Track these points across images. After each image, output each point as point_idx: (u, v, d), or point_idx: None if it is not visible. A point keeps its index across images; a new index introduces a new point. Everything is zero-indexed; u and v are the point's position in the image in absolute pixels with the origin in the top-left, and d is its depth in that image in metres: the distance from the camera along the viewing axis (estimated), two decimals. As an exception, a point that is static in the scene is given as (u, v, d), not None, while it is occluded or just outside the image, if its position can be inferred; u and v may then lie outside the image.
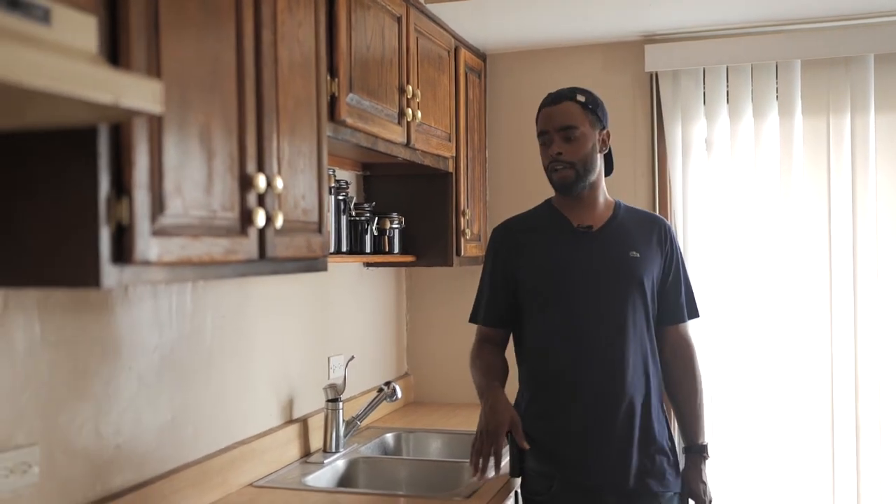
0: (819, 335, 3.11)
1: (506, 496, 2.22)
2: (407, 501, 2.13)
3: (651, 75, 3.27)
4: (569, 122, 2.20)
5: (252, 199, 1.63)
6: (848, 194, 3.07)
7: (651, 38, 3.27)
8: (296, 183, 1.81)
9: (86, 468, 1.75)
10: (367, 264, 3.12)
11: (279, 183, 1.71)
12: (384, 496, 2.19)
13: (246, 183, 1.61)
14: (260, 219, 1.63)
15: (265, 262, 1.69)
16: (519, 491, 2.19)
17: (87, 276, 1.28)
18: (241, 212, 1.60)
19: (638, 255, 2.22)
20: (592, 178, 2.24)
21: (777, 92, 3.14)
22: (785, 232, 3.13)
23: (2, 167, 1.30)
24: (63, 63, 1.04)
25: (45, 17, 1.13)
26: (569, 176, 2.20)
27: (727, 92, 3.18)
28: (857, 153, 3.07)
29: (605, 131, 2.26)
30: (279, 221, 1.70)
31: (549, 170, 2.23)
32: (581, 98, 2.24)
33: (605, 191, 2.30)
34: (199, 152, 1.48)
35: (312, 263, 1.92)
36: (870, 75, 3.07)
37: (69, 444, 1.70)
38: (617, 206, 2.31)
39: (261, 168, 1.66)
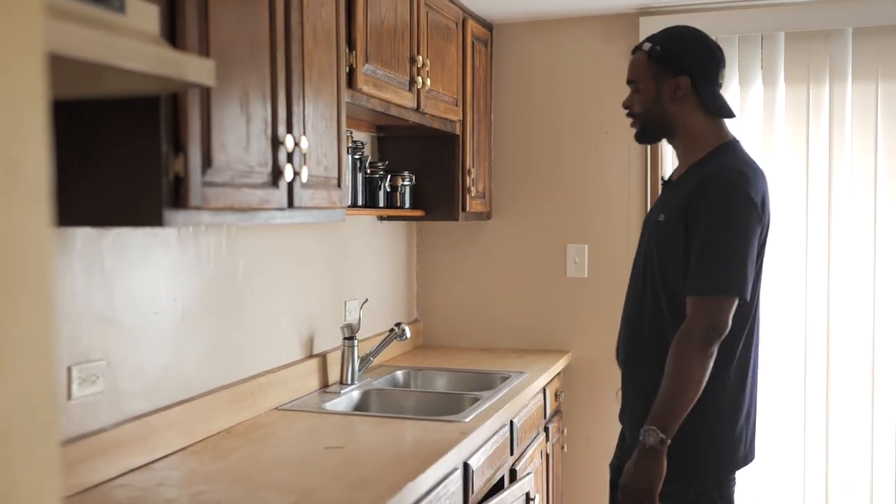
0: (795, 296, 3.37)
1: (502, 421, 2.54)
2: (412, 422, 2.44)
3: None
4: (631, 75, 2.21)
5: (282, 156, 1.92)
6: (825, 158, 3.33)
7: (645, 11, 3.51)
8: (319, 143, 2.11)
9: (140, 384, 2.06)
10: (381, 218, 3.41)
11: (304, 143, 2.00)
12: (392, 418, 2.50)
13: (277, 143, 1.91)
14: (288, 173, 1.92)
15: (293, 210, 1.99)
16: None
17: (152, 218, 1.58)
18: (272, 167, 1.89)
19: (663, 217, 2.13)
20: (668, 127, 2.18)
21: (762, 62, 3.39)
22: (771, 196, 3.38)
23: (82, 128, 1.60)
24: (139, 45, 1.34)
25: (121, 7, 1.43)
26: (636, 127, 2.22)
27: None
28: (835, 120, 3.32)
29: (678, 79, 2.12)
30: (304, 176, 1.99)
31: None
32: (647, 46, 2.18)
33: (710, 135, 2.15)
34: (238, 117, 1.77)
35: (332, 213, 2.22)
36: (848, 47, 3.31)
37: (127, 363, 2.02)
38: (705, 158, 2.13)
39: (289, 130, 1.96)
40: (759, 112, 3.40)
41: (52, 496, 0.80)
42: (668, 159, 3.50)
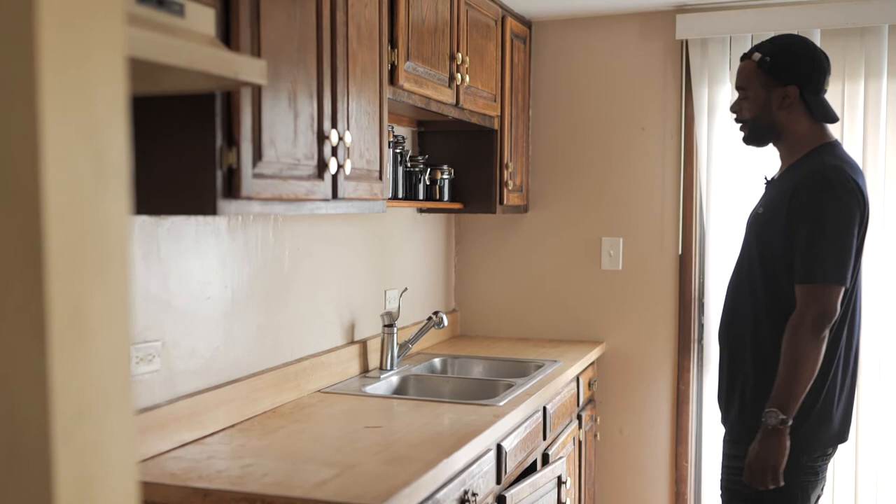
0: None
1: (535, 407, 2.64)
2: (448, 405, 2.54)
3: (681, 43, 3.59)
4: (740, 82, 2.35)
5: (327, 150, 2.03)
6: (859, 154, 3.37)
7: (682, 8, 3.57)
8: (362, 137, 2.22)
9: (192, 364, 2.19)
10: (421, 210, 3.52)
11: (348, 137, 2.11)
12: (429, 401, 2.61)
13: (322, 137, 2.02)
14: (333, 166, 2.04)
15: (337, 201, 2.11)
16: None
17: (206, 207, 1.70)
18: (318, 160, 2.01)
19: (762, 211, 2.32)
20: (774, 133, 2.32)
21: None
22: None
23: (141, 123, 1.72)
24: (198, 48, 1.45)
25: (180, 11, 1.55)
26: (744, 132, 2.39)
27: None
28: (870, 116, 3.36)
29: (787, 88, 2.26)
30: (348, 168, 2.11)
31: None
32: (757, 56, 2.31)
33: (811, 137, 2.29)
34: (287, 113, 1.88)
35: (374, 205, 2.33)
36: (884, 45, 3.34)
37: (180, 344, 2.15)
38: (805, 156, 2.28)
39: (334, 125, 2.07)
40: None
41: (130, 451, 0.92)
42: (703, 156, 3.55)
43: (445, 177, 3.30)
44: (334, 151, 2.06)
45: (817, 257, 2.14)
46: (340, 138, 2.08)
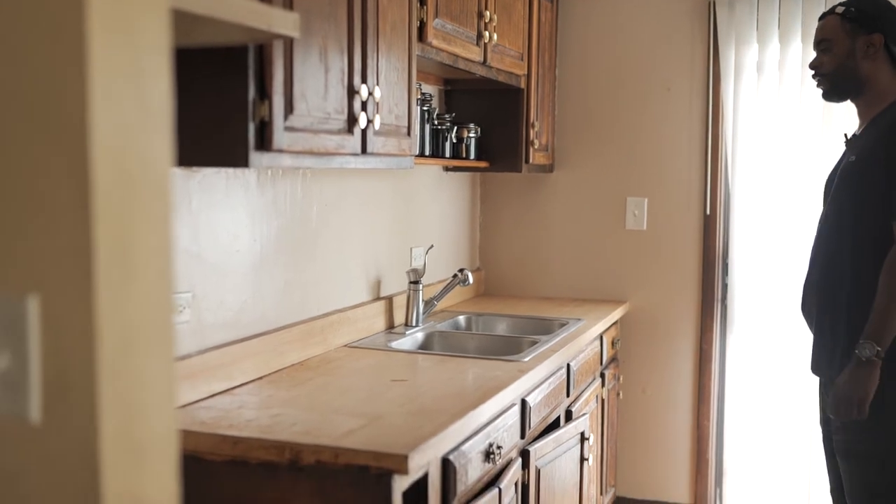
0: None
1: (559, 363, 2.67)
2: (473, 360, 2.57)
3: (709, 3, 3.55)
4: (822, 35, 2.39)
5: (357, 105, 2.05)
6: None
7: (712, -32, 3.53)
8: (391, 93, 2.23)
9: (222, 316, 2.23)
10: (447, 168, 3.53)
11: (378, 93, 2.12)
12: (454, 356, 2.64)
13: (352, 92, 2.03)
14: (362, 120, 2.05)
15: (366, 156, 2.12)
16: None
17: (238, 158, 1.73)
18: (348, 115, 2.02)
19: (854, 158, 2.32)
20: (856, 83, 2.34)
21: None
22: (823, 150, 3.41)
23: (177, 75, 1.74)
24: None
25: (214, -37, 1.55)
26: (823, 87, 2.42)
27: (778, 20, 3.44)
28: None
29: (872, 36, 2.30)
30: (377, 124, 2.12)
31: None
32: (840, 9, 2.35)
33: (887, 92, 2.33)
34: (318, 67, 1.90)
35: (402, 161, 2.35)
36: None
37: (210, 296, 2.18)
38: (890, 106, 2.33)
39: (364, 80, 2.08)
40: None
41: (172, 388, 0.95)
42: (729, 116, 3.52)
43: (472, 135, 3.30)
44: (364, 106, 2.07)
45: None
46: (370, 93, 2.09)
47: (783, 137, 3.48)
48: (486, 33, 2.89)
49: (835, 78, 2.37)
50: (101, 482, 0.81)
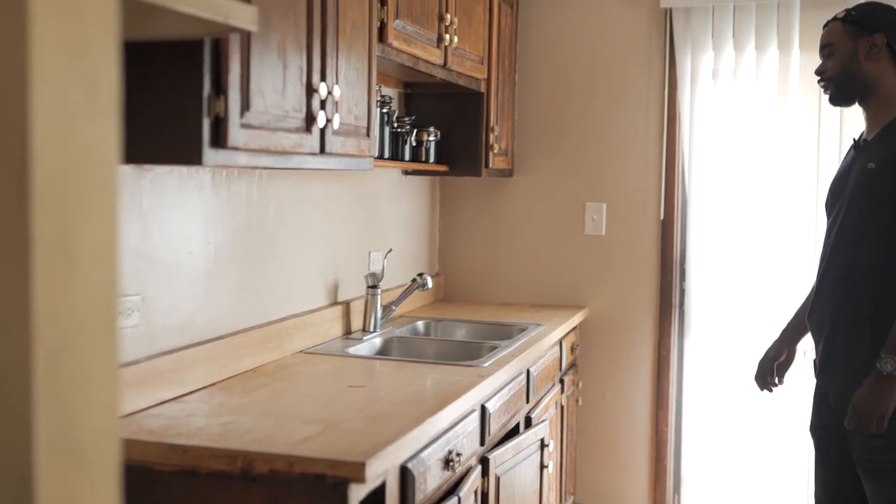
0: (805, 260, 3.43)
1: (519, 369, 2.63)
2: (432, 366, 2.53)
3: (666, 11, 3.57)
4: (825, 41, 2.36)
5: (315, 103, 2.00)
6: (836, 122, 3.38)
7: (669, -24, 3.55)
8: (350, 93, 2.18)
9: (173, 321, 2.16)
10: (406, 172, 3.49)
11: (337, 91, 2.07)
12: (413, 362, 2.60)
13: (311, 90, 1.98)
14: (321, 119, 2.00)
15: (324, 156, 2.07)
16: None
17: (192, 156, 1.67)
18: (306, 113, 1.97)
19: (874, 165, 2.25)
20: (862, 85, 2.30)
21: (777, 29, 3.43)
22: (779, 154, 3.45)
23: (128, 68, 1.68)
24: (187, -10, 1.41)
25: (168, -48, 1.50)
26: (829, 91, 2.37)
27: (733, 28, 3.47)
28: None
29: (874, 36, 2.27)
30: (336, 123, 2.07)
31: None
32: (842, 14, 2.34)
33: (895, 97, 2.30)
34: (276, 64, 1.84)
35: (361, 162, 2.30)
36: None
37: (161, 300, 2.11)
38: None
39: (323, 79, 2.03)
40: (775, 77, 3.45)
41: (114, 391, 0.89)
42: (686, 121, 3.53)
43: (432, 138, 3.26)
44: (323, 105, 2.02)
45: None
46: (329, 92, 2.04)
47: (738, 143, 3.50)
48: (447, 36, 2.86)
49: (839, 81, 2.33)
50: (34, 491, 0.76)
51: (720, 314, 3.55)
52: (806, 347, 2.52)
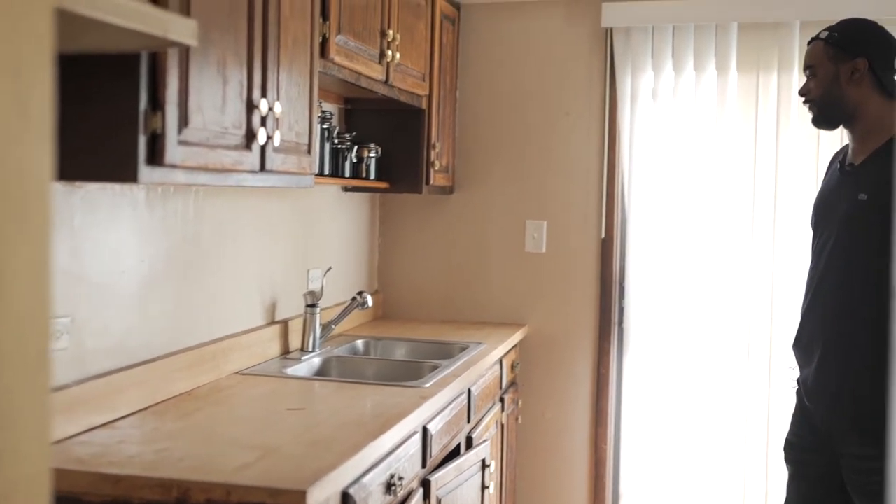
0: (742, 274, 3.49)
1: (460, 389, 2.60)
2: (373, 387, 2.49)
3: (606, 30, 3.60)
4: (808, 62, 2.34)
5: (256, 119, 1.95)
6: (773, 141, 3.44)
7: (609, -4, 3.58)
8: (291, 109, 2.14)
9: (104, 343, 2.08)
10: (346, 189, 3.44)
11: (278, 108, 2.03)
12: (353, 383, 2.55)
13: (252, 106, 1.93)
14: (262, 136, 1.95)
15: (265, 173, 2.02)
16: None
17: (128, 174, 1.60)
18: (246, 130, 1.92)
19: (865, 196, 2.21)
20: (845, 110, 2.28)
21: (715, 50, 3.49)
22: (717, 174, 3.50)
23: (61, 83, 1.61)
24: (127, 2, 1.36)
25: (104, -37, 1.44)
26: (812, 112, 2.35)
27: (672, 48, 3.52)
28: (782, 106, 3.44)
29: (856, 61, 2.24)
30: (277, 140, 2.02)
31: None
32: (824, 34, 2.31)
33: (887, 119, 2.26)
34: (216, 79, 1.79)
35: (301, 179, 2.25)
36: (795, 39, 3.41)
37: (92, 321, 2.03)
38: (894, 138, 2.24)
39: (263, 94, 1.98)
40: (713, 97, 3.50)
41: (45, 423, 0.84)
42: (626, 140, 3.57)
43: (372, 155, 3.23)
44: (263, 122, 1.97)
45: None
46: (270, 108, 1.99)
47: (677, 162, 3.54)
48: (389, 52, 2.83)
49: (821, 104, 2.32)
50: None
51: (659, 332, 3.58)
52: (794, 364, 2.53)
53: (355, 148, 3.14)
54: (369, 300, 3.08)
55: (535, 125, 3.71)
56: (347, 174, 3.11)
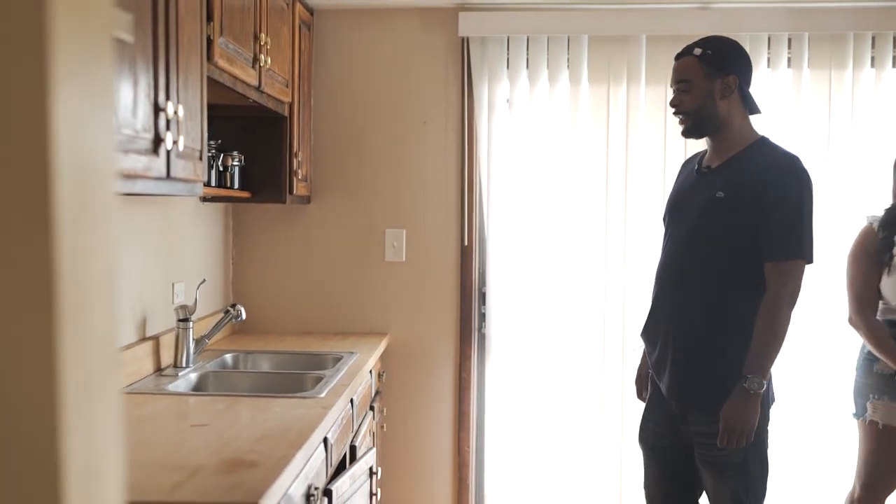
0: (594, 279, 3.67)
1: (348, 398, 2.58)
2: (269, 400, 2.41)
3: (463, 40, 3.68)
4: (682, 76, 2.46)
5: (162, 123, 1.86)
6: (623, 149, 3.65)
7: (464, 6, 3.66)
8: (189, 113, 2.05)
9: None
10: (203, 199, 3.31)
11: (181, 111, 1.94)
12: (252, 396, 2.48)
13: (158, 109, 1.84)
14: (169, 140, 1.86)
15: (169, 181, 1.93)
16: None
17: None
18: (154, 133, 1.82)
19: (723, 194, 2.38)
20: (716, 123, 2.44)
21: (568, 62, 3.65)
22: (571, 180, 3.66)
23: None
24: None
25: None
26: (686, 124, 2.48)
27: (527, 59, 3.64)
28: (631, 117, 3.65)
29: (728, 78, 2.42)
30: (181, 145, 1.94)
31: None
32: (698, 51, 2.45)
33: (746, 130, 2.47)
34: (128, 79, 1.69)
35: (194, 187, 2.17)
36: (642, 53, 3.64)
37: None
38: (751, 146, 2.45)
39: (168, 97, 1.89)
40: (566, 106, 3.66)
41: (120, 434, 0.79)
42: (483, 147, 3.66)
43: (236, 163, 3.13)
44: (168, 125, 1.88)
45: (791, 236, 2.34)
46: (175, 111, 1.90)
47: (534, 170, 3.67)
48: (262, 56, 2.77)
49: (696, 117, 2.46)
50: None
51: (519, 335, 3.69)
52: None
53: (221, 156, 3.04)
54: (243, 313, 2.99)
55: (393, 133, 3.73)
56: (213, 183, 3.00)
